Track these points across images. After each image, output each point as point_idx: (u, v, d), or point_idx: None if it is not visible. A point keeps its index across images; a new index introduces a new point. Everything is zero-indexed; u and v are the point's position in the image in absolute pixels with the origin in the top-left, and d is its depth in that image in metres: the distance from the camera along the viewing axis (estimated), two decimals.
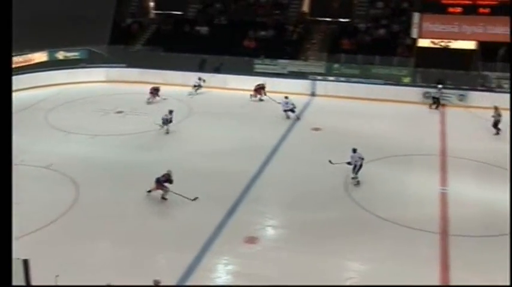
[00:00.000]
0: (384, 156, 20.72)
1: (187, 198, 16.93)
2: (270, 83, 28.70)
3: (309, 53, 31.49)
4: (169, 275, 13.06)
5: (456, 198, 17.53)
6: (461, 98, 27.52)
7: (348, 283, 13.41)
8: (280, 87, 28.32)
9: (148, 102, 27.04)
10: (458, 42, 28.30)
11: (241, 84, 28.90)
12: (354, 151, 18.65)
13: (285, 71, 30.39)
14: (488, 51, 28.47)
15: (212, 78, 29.54)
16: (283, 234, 15.83)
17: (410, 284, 13.05)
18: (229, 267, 14.12)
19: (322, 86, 29.07)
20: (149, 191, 17.37)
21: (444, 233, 15.55)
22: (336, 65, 30.05)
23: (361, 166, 18.43)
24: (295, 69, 30.44)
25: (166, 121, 22.93)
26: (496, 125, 23.65)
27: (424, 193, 17.98)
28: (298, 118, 25.01)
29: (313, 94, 28.74)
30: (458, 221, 16.19)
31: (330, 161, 18.91)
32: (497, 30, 26.33)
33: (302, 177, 19.04)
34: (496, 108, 23.93)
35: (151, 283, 12.13)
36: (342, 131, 23.61)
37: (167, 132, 22.90)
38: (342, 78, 29.46)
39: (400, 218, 16.13)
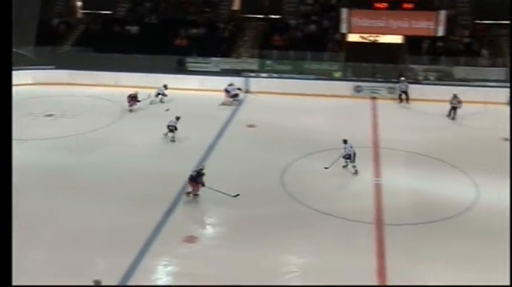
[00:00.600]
0: (318, 150, 21.06)
1: (228, 194, 16.90)
2: (203, 80, 28.69)
3: (241, 50, 31.61)
4: (109, 278, 12.83)
5: (389, 188, 18.05)
6: (391, 90, 28.34)
7: (287, 277, 13.59)
8: (213, 85, 28.35)
9: (130, 111, 25.77)
10: (386, 36, 29.11)
11: (174, 84, 28.71)
12: (345, 141, 19.23)
13: (217, 69, 30.38)
14: (414, 45, 29.47)
15: (144, 78, 29.16)
16: (222, 232, 15.85)
17: (349, 273, 13.41)
18: (169, 268, 14.02)
19: (255, 82, 29.26)
20: (188, 193, 17.13)
21: (379, 223, 15.99)
22: (268, 62, 30.30)
23: (355, 153, 18.94)
24: (228, 66, 30.48)
25: (174, 129, 22.23)
26: (453, 111, 25.02)
27: (359, 184, 18.42)
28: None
29: (246, 91, 28.88)
30: (392, 210, 16.68)
31: (325, 168, 19.04)
32: (421, 25, 27.23)
33: (239, 174, 19.10)
34: (455, 96, 25.13)
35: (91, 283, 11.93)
36: (277, 127, 23.85)
37: (173, 140, 22.14)
38: (275, 75, 29.74)
39: (337, 211, 16.47)
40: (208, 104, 26.45)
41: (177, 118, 22.35)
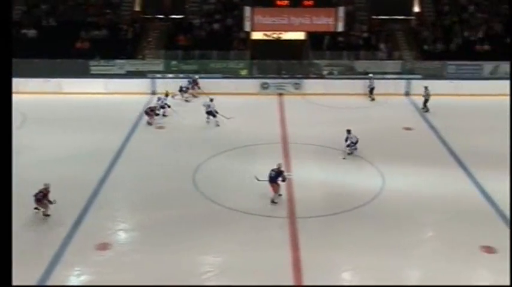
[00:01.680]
0: (229, 148, 21.17)
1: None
2: (107, 84, 28.05)
3: (146, 52, 31.14)
4: None
5: (300, 182, 18.43)
6: (297, 86, 28.94)
7: (204, 277, 13.57)
8: (119, 88, 27.76)
9: (149, 124, 24.31)
10: (289, 33, 29.66)
11: (78, 88, 27.86)
12: (349, 131, 20.61)
13: (122, 71, 29.74)
14: (316, 40, 30.24)
15: (46, 84, 28.06)
16: (135, 236, 15.58)
17: (265, 268, 13.58)
18: (82, 277, 13.60)
19: (162, 83, 28.90)
20: (273, 202, 16.90)
21: (292, 217, 16.31)
22: (173, 62, 30.05)
23: (357, 141, 20.55)
24: (133, 68, 29.92)
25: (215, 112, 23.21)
26: (425, 103, 25.99)
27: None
28: (218, 125, 24.03)
29: (153, 93, 28.49)
30: (304, 203, 17.05)
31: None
32: (321, 21, 27.90)
33: (150, 177, 18.84)
34: (426, 88, 26.04)
35: None
36: (186, 128, 23.73)
37: (218, 125, 23.43)
38: (181, 75, 29.54)
39: (250, 207, 16.63)
40: (114, 108, 25.87)
41: (211, 99, 23.96)
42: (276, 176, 16.85)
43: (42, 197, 15.90)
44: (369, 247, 14.74)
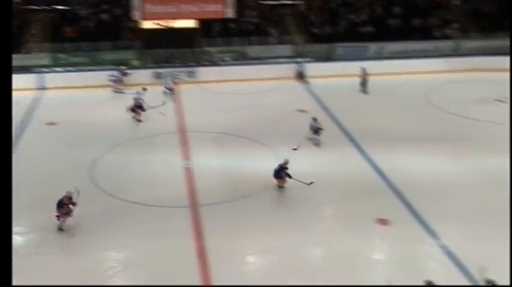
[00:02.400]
0: (124, 141, 20.79)
1: (304, 182, 16.72)
2: None
3: (30, 45, 29.71)
4: None
5: (201, 170, 18.47)
6: (191, 74, 28.83)
7: (109, 273, 13.33)
8: None
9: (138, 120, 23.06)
10: (180, 21, 29.42)
11: None
12: (315, 119, 20.71)
13: None
14: (207, 28, 30.22)
15: None
16: (32, 239, 14.96)
17: (170, 259, 13.55)
18: None
19: (50, 78, 27.74)
20: (280, 187, 17.00)
21: (194, 206, 16.33)
22: (61, 55, 28.90)
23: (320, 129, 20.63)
24: (17, 63, 28.39)
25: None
26: (363, 84, 26.68)
27: (170, 170, 18.56)
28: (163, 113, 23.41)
29: (42, 88, 27.31)
30: (205, 191, 17.11)
31: (294, 149, 19.20)
32: (211, 8, 28.04)
33: (45, 176, 18.12)
34: (362, 69, 26.70)
35: None
36: (78, 122, 22.96)
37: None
38: (71, 68, 28.49)
39: (150, 199, 16.46)
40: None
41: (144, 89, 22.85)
42: (279, 170, 16.98)
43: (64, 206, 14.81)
44: (271, 228, 15.09)
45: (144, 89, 24.62)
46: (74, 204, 14.91)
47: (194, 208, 16.20)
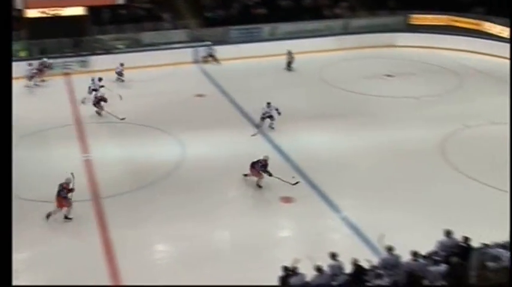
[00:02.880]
0: (19, 136, 19.78)
1: (288, 182, 15.90)
2: None
3: None
4: None
5: (101, 162, 17.97)
6: (83, 64, 27.82)
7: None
8: None
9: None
10: (68, 9, 28.22)
11: None
12: (269, 104, 20.24)
13: None
14: (97, 15, 29.22)
15: None
16: None
17: (75, 256, 13.15)
18: None
19: None
20: (245, 175, 16.35)
21: (96, 199, 15.89)
22: None
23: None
24: None
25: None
26: (289, 65, 27.38)
27: (68, 164, 17.85)
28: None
29: None
30: (107, 183, 16.69)
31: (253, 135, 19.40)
32: None
33: None
34: (289, 52, 27.38)
35: None
36: None
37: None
38: None
39: (50, 196, 15.78)
40: None
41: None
42: (261, 166, 16.21)
43: (66, 194, 14.53)
44: (177, 216, 15.01)
45: (100, 79, 23.65)
46: (71, 191, 14.57)
47: (97, 201, 15.76)
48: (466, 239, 11.19)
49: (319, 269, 10.51)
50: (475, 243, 11.11)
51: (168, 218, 14.88)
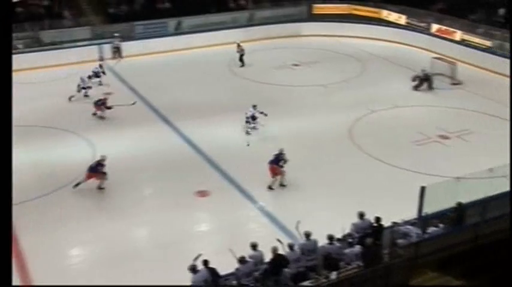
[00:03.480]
0: None
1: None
2: None
3: None
4: None
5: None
6: None
7: None
8: None
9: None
10: None
11: None
12: (255, 106, 19.51)
13: None
14: None
15: None
16: None
17: None
18: None
19: None
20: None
21: None
22: None
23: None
24: None
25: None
26: (241, 58, 26.83)
27: None
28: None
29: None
30: (17, 189, 15.84)
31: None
32: None
33: None
34: (238, 44, 26.87)
35: None
36: None
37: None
38: None
39: None
40: None
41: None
42: (275, 161, 15.87)
43: (101, 167, 15.75)
44: (92, 218, 14.62)
45: (101, 66, 24.08)
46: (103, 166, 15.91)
47: None
48: (378, 219, 11.59)
49: (241, 260, 10.54)
50: (386, 222, 11.53)
51: (83, 221, 14.43)
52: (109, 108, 20.87)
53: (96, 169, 15.79)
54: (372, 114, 21.03)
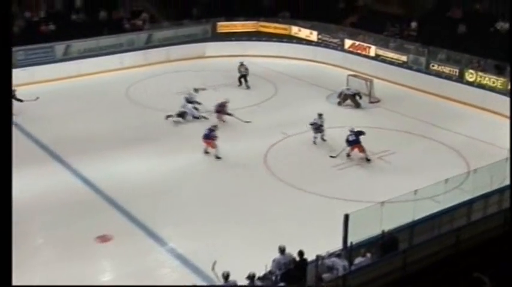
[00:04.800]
0: None
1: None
2: None
3: None
4: None
5: None
6: None
7: None
8: None
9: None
10: None
11: None
12: (320, 115, 21.17)
13: None
14: None
15: None
16: None
17: None
18: None
19: None
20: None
21: None
22: None
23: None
24: None
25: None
26: (244, 78, 27.71)
27: None
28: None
29: None
30: None
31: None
32: None
33: None
34: (241, 64, 27.82)
35: None
36: None
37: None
38: None
39: None
40: None
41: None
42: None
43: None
44: None
45: (196, 90, 24.84)
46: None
47: None
48: (301, 253, 11.72)
49: None
50: (310, 256, 11.67)
51: None
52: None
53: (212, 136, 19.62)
54: (287, 139, 21.43)
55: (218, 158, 19.69)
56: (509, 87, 24.28)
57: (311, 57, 31.48)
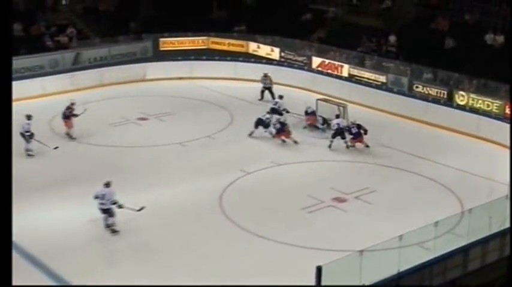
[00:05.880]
0: None
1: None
2: None
3: None
4: None
5: None
6: None
7: None
8: None
9: None
10: None
11: None
12: (337, 116, 24.26)
13: None
14: None
15: None
16: None
17: None
18: None
19: None
20: None
21: None
22: None
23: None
24: None
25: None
26: (269, 90, 29.50)
27: None
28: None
29: None
30: None
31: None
32: None
33: None
34: (265, 75, 29.75)
35: None
36: None
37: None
38: None
39: None
40: None
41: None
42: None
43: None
44: None
45: (281, 97, 27.12)
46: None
47: None
48: None
49: None
50: None
51: None
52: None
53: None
54: (246, 176, 21.35)
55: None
56: (507, 110, 24.50)
57: (272, 79, 31.44)
